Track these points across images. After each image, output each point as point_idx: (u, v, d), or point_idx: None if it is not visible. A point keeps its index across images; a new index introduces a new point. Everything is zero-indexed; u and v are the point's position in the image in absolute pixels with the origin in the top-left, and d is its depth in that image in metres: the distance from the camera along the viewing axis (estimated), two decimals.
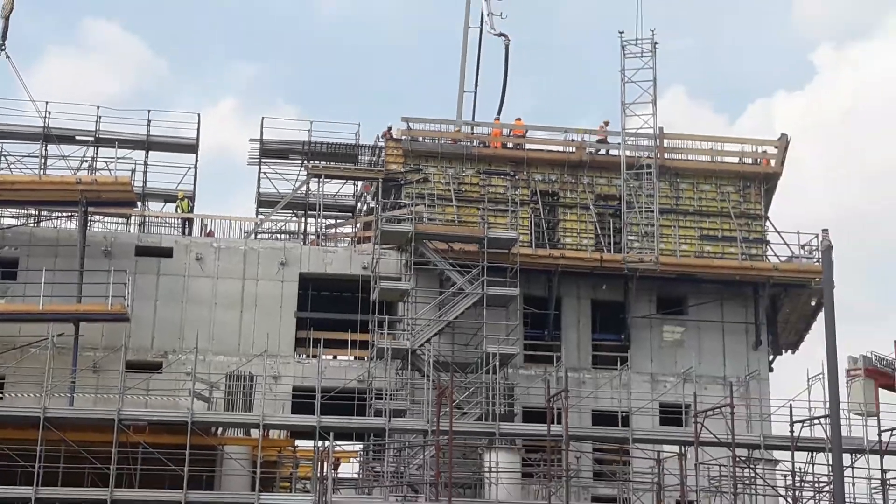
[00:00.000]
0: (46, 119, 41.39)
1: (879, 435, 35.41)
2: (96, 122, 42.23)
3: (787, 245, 42.37)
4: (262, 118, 43.71)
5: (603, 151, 42.96)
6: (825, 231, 33.07)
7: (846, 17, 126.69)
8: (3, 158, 40.82)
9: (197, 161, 43.13)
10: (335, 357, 40.02)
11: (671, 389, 39.86)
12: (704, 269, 41.26)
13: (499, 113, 45.06)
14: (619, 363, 40.38)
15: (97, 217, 40.21)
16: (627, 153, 40.88)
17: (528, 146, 42.70)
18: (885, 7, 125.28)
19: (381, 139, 41.98)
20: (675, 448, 34.91)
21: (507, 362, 38.02)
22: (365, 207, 44.43)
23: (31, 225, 39.77)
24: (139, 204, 41.32)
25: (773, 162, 42.99)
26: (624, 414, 37.18)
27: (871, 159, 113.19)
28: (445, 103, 65.21)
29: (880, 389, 40.90)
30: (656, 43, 40.61)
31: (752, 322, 41.92)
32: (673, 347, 41.73)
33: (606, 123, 43.09)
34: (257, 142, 43.47)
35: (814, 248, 40.52)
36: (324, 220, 43.79)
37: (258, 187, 43.89)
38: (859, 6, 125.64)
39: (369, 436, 36.68)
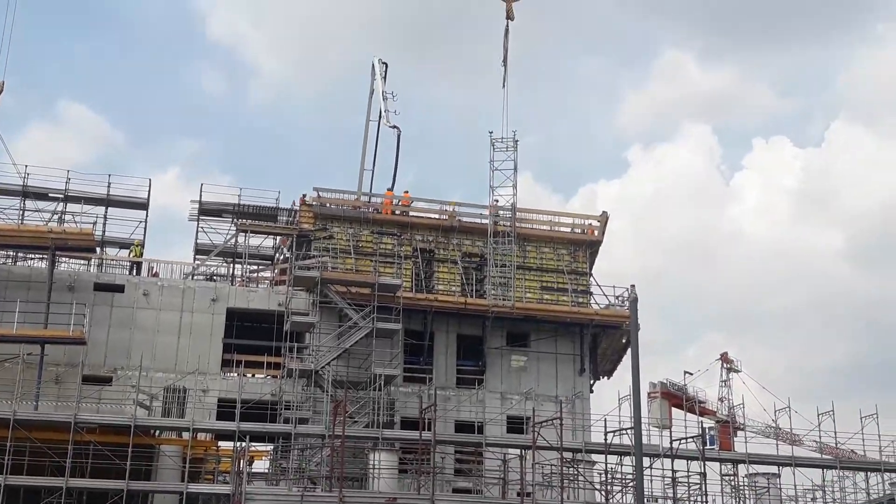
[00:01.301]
0: (25, 179, 40.61)
1: (671, 443, 35.90)
2: (66, 182, 41.16)
3: (605, 295, 42.96)
4: (202, 184, 43.17)
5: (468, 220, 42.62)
6: (632, 286, 34.55)
7: (652, 125, 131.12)
8: None
9: (147, 216, 42.25)
10: (253, 375, 39.49)
11: (516, 405, 39.91)
12: (543, 313, 41.32)
13: (392, 186, 44.85)
14: (476, 384, 40.48)
15: (63, 259, 39.27)
16: (487, 222, 41.21)
17: (411, 213, 42.75)
18: (679, 119, 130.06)
19: (296, 204, 41.71)
20: (518, 451, 34.85)
21: (390, 381, 37.81)
22: (281, 257, 43.82)
23: (9, 263, 38.85)
24: (98, 249, 40.50)
25: (596, 232, 43.54)
26: (479, 423, 37.53)
27: (667, 232, 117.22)
28: (349, 177, 65.71)
29: (672, 408, 42.16)
30: (517, 140, 41.02)
31: (578, 354, 42.15)
32: (518, 372, 41.58)
33: (496, 201, 42.06)
34: (196, 202, 42.83)
35: (624, 298, 40.86)
36: (248, 266, 43.31)
37: (196, 238, 43.14)
38: (661, 117, 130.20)
39: (278, 438, 36.19)
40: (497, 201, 41.22)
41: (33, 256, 39.10)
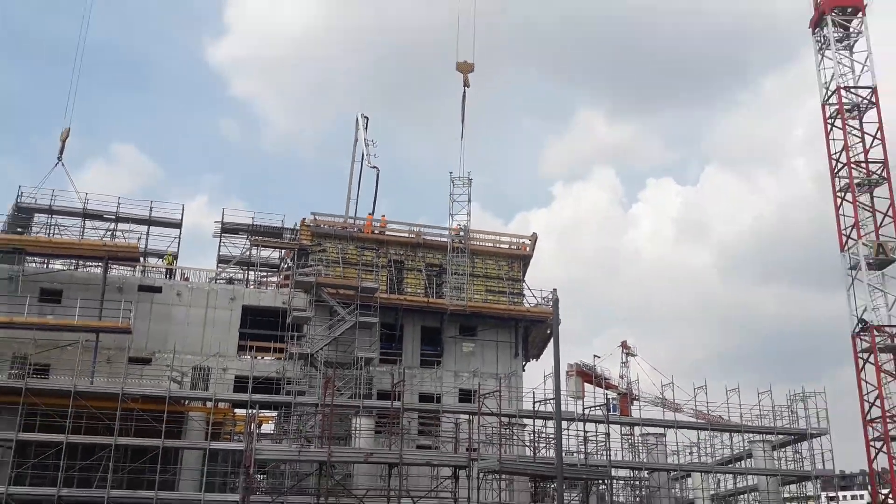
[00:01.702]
0: (85, 203, 40.30)
1: (584, 410, 36.15)
2: (117, 206, 40.72)
3: (535, 297, 42.95)
4: (223, 209, 43.96)
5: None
6: (555, 290, 34.09)
7: (571, 168, 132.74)
8: (58, 227, 39.65)
9: (180, 233, 41.97)
10: (262, 357, 38.97)
11: (466, 381, 39.83)
12: (487, 310, 41.12)
13: (372, 212, 44.29)
14: (436, 365, 40.32)
15: (114, 266, 38.96)
16: (446, 240, 41.16)
17: (387, 232, 42.25)
18: (592, 162, 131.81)
19: (298, 225, 41.44)
20: (467, 416, 34.76)
21: (369, 363, 37.44)
22: (286, 266, 43.06)
23: (72, 269, 38.51)
24: (141, 259, 40.19)
25: (528, 248, 43.38)
26: (437, 395, 37.86)
27: (582, 251, 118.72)
28: (339, 205, 65.69)
29: (585, 383, 42.68)
30: (471, 179, 40.92)
31: (514, 342, 42.03)
32: (468, 356, 41.29)
33: (459, 228, 41.69)
34: (219, 223, 42.49)
35: (549, 299, 40.98)
36: (259, 273, 43.01)
37: (219, 251, 42.67)
38: (578, 159, 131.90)
39: (282, 407, 35.95)
40: (457, 225, 41.13)
41: (91, 264, 38.71)
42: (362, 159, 44.91)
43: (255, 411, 32.74)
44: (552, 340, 31.18)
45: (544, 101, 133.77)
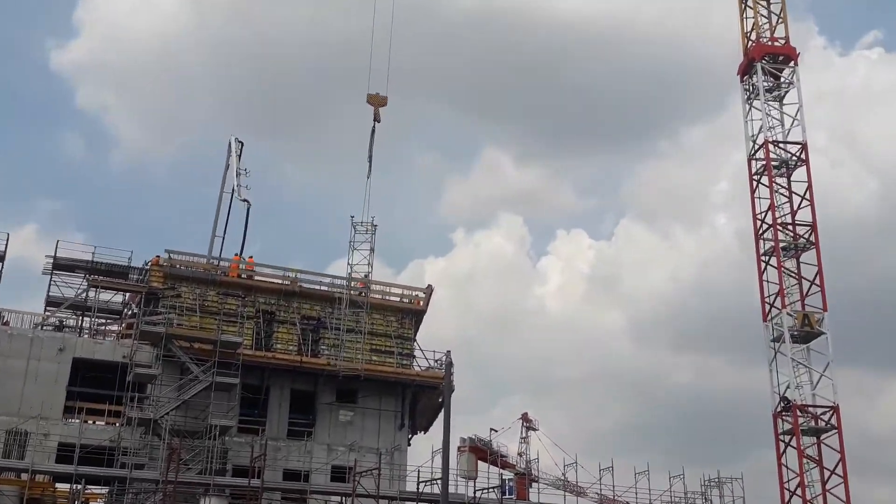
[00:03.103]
0: None
1: (475, 492, 36.77)
2: None
3: (426, 358, 43.20)
4: (57, 241, 41.95)
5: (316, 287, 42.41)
6: (448, 352, 35.85)
7: (474, 212, 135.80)
8: None
9: (2, 268, 39.84)
10: (94, 422, 38.10)
11: (341, 456, 39.63)
12: (371, 372, 41.02)
13: (240, 252, 44.13)
14: (306, 436, 39.98)
15: None
16: (327, 289, 41.33)
17: (256, 277, 42.25)
18: (497, 208, 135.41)
19: (147, 263, 40.97)
20: (339, 498, 35.16)
21: (225, 432, 37.13)
22: (129, 312, 42.70)
23: None
24: None
25: (422, 302, 44.01)
26: (305, 472, 37.25)
27: (481, 305, 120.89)
28: (200, 242, 64.44)
29: (478, 461, 43.11)
30: (375, 225, 41.26)
31: (400, 410, 42.08)
32: (345, 426, 41.07)
33: (363, 281, 42.07)
34: (51, 258, 41.56)
35: (442, 361, 41.24)
36: (97, 319, 41.89)
37: (48, 291, 41.62)
38: (481, 205, 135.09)
39: (114, 482, 35.06)
40: (356, 274, 41.14)
41: None
42: (232, 191, 44.98)
43: (80, 486, 32.09)
44: (443, 410, 30.94)
45: (449, 136, 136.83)
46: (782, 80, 48.67)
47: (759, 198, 47.19)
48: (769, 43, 49.21)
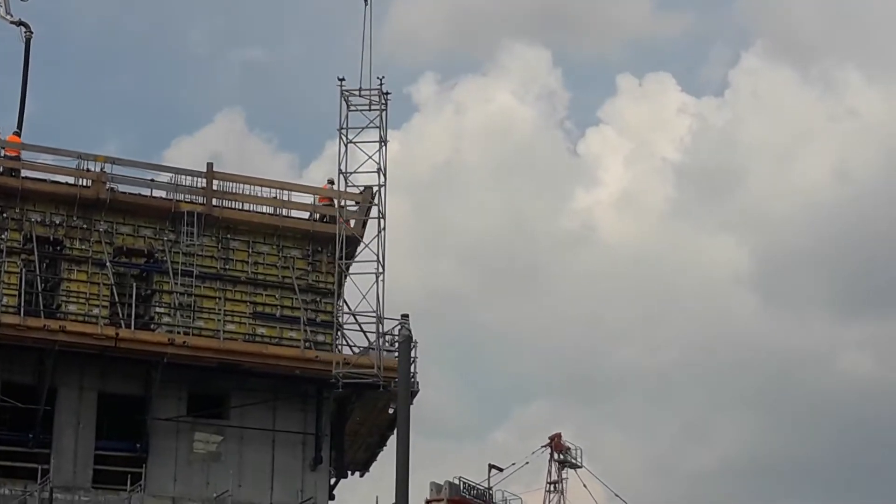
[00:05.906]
0: None
1: None
2: None
3: (364, 332, 36.43)
4: None
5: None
6: (404, 316, 31.54)
7: (455, 41, 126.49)
8: None
9: None
10: None
11: None
12: (255, 359, 35.51)
13: (19, 127, 38.64)
14: (129, 482, 34.00)
15: None
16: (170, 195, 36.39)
17: (24, 173, 36.47)
18: (499, 33, 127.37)
19: None
20: None
21: None
22: None
23: None
24: None
25: (352, 222, 37.86)
26: None
27: (470, 229, 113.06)
28: None
29: None
30: (388, 93, 35.64)
31: (313, 433, 37.08)
32: (206, 462, 36.07)
33: (331, 182, 37.78)
34: None
35: (393, 338, 35.37)
36: None
37: None
38: (469, 27, 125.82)
39: None
40: (331, 182, 37.18)
41: None
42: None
43: None
44: (396, 430, 29.57)
45: None
46: None
47: None
48: None
